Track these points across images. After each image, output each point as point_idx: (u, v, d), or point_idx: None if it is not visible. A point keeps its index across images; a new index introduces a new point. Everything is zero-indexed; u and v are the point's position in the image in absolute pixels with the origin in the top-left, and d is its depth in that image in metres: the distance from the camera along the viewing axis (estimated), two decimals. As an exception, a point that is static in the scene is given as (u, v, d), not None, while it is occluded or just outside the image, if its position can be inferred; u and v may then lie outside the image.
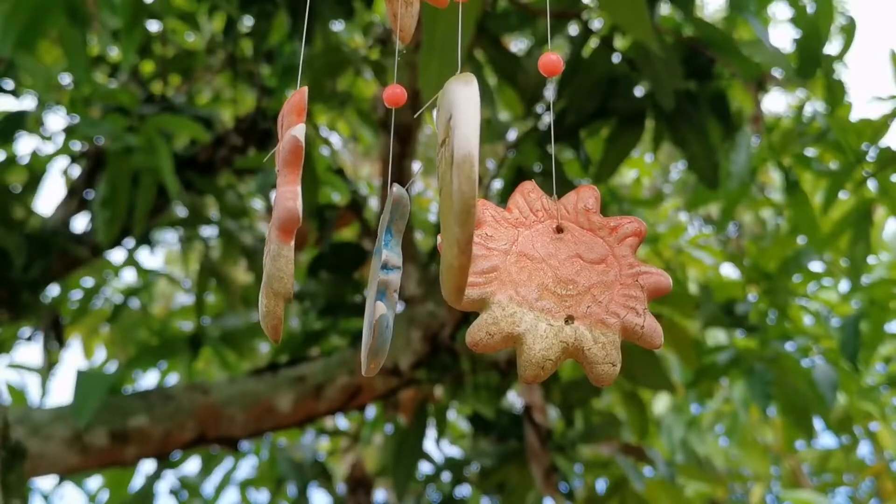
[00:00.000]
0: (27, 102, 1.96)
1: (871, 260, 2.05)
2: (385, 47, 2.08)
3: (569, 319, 0.48)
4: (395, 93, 0.47)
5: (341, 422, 2.81)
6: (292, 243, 0.40)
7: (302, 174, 1.51)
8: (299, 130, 0.41)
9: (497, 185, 2.09)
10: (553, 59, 0.46)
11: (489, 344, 0.47)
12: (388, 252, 0.46)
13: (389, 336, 0.45)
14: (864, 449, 3.02)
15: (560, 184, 1.76)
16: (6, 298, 1.99)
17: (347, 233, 2.37)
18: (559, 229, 0.50)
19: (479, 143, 0.35)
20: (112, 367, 2.54)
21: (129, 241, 2.26)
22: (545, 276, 0.49)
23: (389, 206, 0.47)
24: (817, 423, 2.04)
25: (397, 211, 0.47)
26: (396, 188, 0.47)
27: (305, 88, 0.44)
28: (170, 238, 2.53)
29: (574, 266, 0.49)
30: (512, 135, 2.04)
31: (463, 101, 0.37)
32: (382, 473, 2.36)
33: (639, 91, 1.79)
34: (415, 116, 1.87)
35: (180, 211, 2.26)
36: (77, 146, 2.14)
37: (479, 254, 0.48)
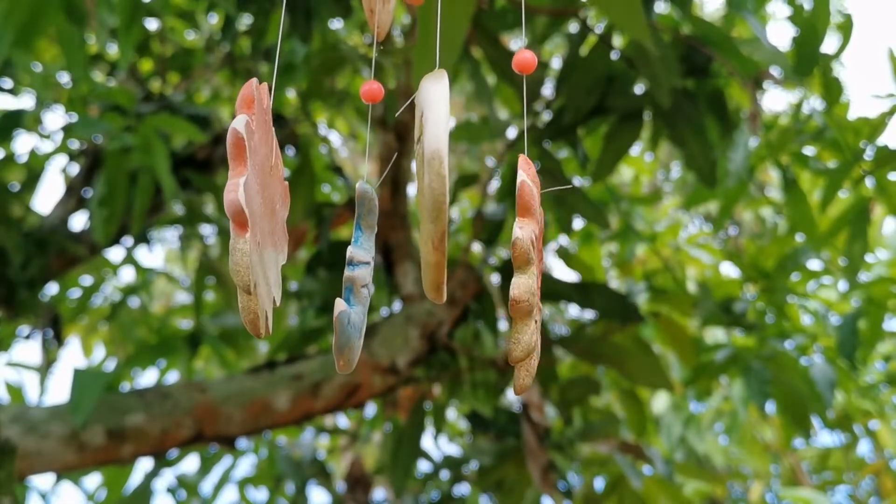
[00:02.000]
0: (25, 101, 1.96)
1: (869, 258, 2.05)
2: (383, 45, 2.08)
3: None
4: (372, 89, 0.47)
5: (341, 420, 2.81)
6: (247, 235, 0.40)
7: (300, 173, 1.51)
8: (239, 122, 0.41)
9: (496, 183, 2.09)
10: (527, 56, 0.46)
11: (526, 309, 0.45)
12: (356, 248, 0.46)
13: (354, 332, 0.44)
14: (863, 447, 3.02)
15: (557, 181, 1.76)
16: (4, 297, 1.99)
17: (345, 231, 2.37)
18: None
19: (447, 140, 0.35)
20: (111, 366, 2.54)
21: (128, 240, 2.26)
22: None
23: (356, 203, 0.47)
24: (816, 421, 2.04)
25: (363, 206, 0.47)
26: (359, 184, 0.47)
27: (254, 80, 0.43)
28: (169, 236, 2.54)
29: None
30: (511, 133, 2.04)
31: (433, 99, 0.37)
32: (381, 471, 2.36)
33: (637, 89, 1.79)
34: (396, 115, 1.87)
35: (179, 209, 2.26)
36: (75, 144, 2.14)
37: (539, 210, 0.46)
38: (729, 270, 2.45)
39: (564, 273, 3.65)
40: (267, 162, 0.45)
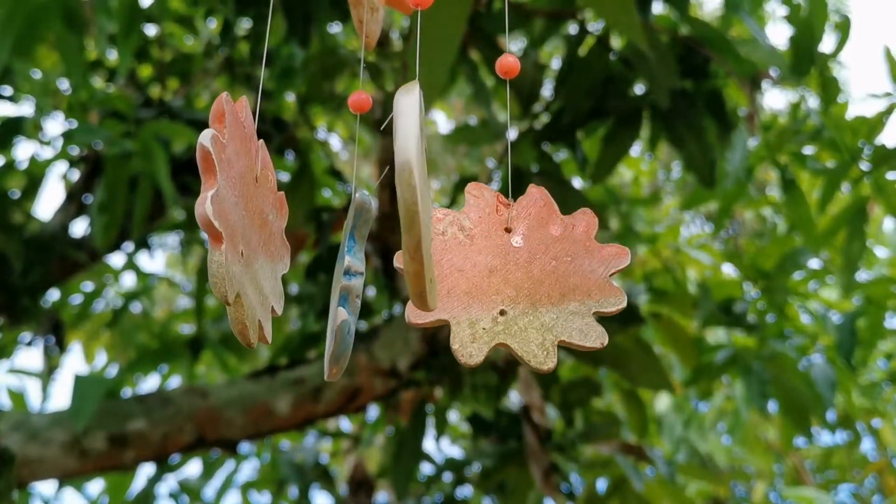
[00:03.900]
0: (25, 108, 1.97)
1: (869, 257, 2.05)
2: (382, 49, 2.09)
3: None
4: (360, 99, 0.47)
5: (343, 423, 2.81)
6: (222, 247, 0.40)
7: (300, 177, 1.51)
8: (205, 136, 0.41)
9: (494, 185, 2.09)
10: (510, 61, 0.47)
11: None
12: (351, 258, 0.46)
13: (351, 342, 0.45)
14: (866, 445, 3.02)
15: (557, 183, 1.76)
16: (5, 303, 1.99)
17: (346, 235, 2.37)
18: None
19: (416, 150, 0.36)
20: (113, 371, 2.54)
21: (129, 245, 2.26)
22: None
23: (352, 213, 0.47)
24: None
25: (360, 217, 0.47)
26: (359, 194, 0.47)
27: (225, 94, 0.44)
28: (170, 241, 2.54)
29: None
30: (511, 134, 2.03)
31: (402, 110, 0.37)
32: (384, 474, 2.36)
33: (636, 90, 1.79)
34: (381, 129, 1.88)
35: (179, 214, 2.26)
36: (75, 151, 2.14)
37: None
38: (730, 271, 2.45)
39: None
40: (249, 173, 0.45)
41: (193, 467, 4.34)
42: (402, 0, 0.52)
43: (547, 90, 1.95)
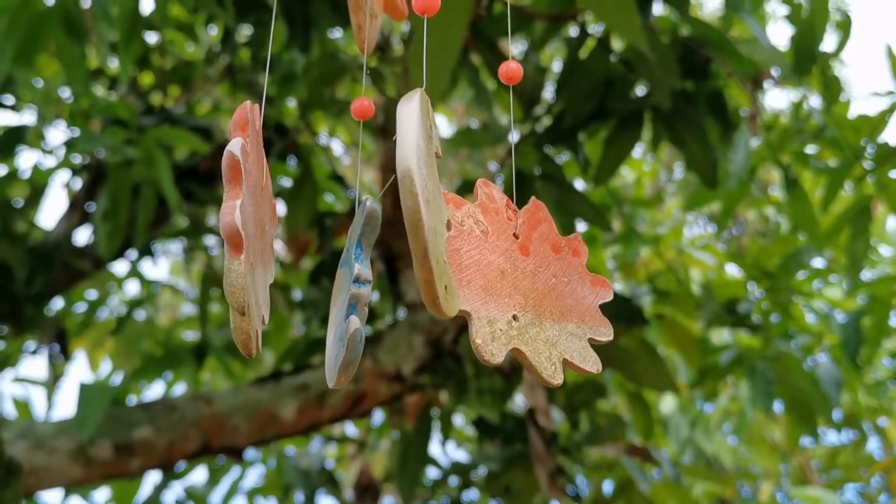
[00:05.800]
0: (27, 117, 1.97)
1: (873, 256, 2.05)
2: (383, 54, 2.09)
3: None
4: (363, 106, 0.47)
5: (349, 428, 2.81)
6: (242, 257, 0.40)
7: (302, 183, 1.50)
8: (234, 145, 0.41)
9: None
10: (513, 67, 0.47)
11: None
12: (360, 266, 0.46)
13: (361, 350, 0.45)
14: (872, 444, 3.02)
15: (560, 186, 1.76)
16: (9, 312, 1.99)
17: (349, 240, 2.36)
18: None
19: (416, 158, 0.36)
20: (117, 379, 2.54)
21: (132, 253, 2.26)
22: None
23: (361, 220, 0.47)
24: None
25: (368, 224, 0.47)
26: (369, 202, 0.47)
27: (248, 102, 0.44)
28: (174, 248, 2.54)
29: None
30: (513, 137, 2.03)
31: (402, 118, 0.37)
32: (390, 479, 2.36)
33: (637, 91, 1.79)
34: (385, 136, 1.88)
35: (182, 221, 2.26)
36: (78, 159, 2.14)
37: None
38: (733, 271, 2.45)
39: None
40: (259, 183, 0.45)
41: (199, 474, 4.34)
42: (396, 7, 0.52)
43: (548, 93, 1.95)
